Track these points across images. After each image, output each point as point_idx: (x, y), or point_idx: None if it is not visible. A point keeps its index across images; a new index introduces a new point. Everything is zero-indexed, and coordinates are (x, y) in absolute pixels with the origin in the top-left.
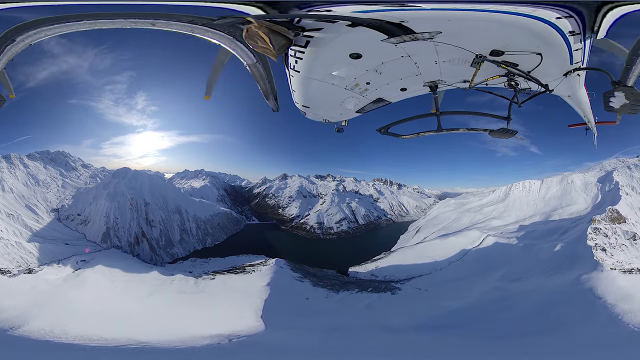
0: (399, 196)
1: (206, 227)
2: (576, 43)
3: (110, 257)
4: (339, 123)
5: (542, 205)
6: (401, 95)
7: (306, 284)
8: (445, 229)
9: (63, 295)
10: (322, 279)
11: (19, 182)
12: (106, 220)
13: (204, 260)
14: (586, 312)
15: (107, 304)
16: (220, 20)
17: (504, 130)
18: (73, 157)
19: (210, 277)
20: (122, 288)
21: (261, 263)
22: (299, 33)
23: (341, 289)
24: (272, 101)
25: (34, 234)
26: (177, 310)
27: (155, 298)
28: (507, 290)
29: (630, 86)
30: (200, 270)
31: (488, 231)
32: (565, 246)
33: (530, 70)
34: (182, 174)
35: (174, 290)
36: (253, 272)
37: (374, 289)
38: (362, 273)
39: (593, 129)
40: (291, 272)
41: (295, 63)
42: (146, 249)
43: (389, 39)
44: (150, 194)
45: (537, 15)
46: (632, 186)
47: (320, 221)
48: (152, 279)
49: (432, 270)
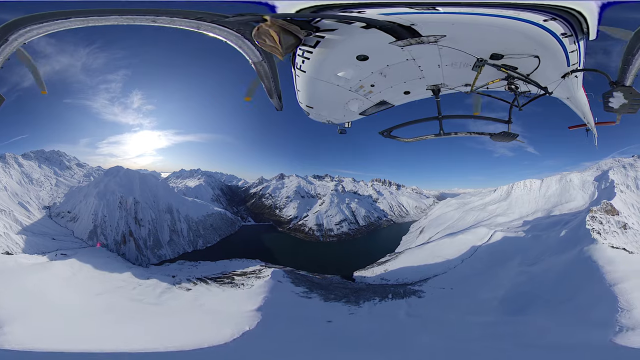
0: (398, 197)
1: (198, 228)
2: (571, 45)
3: (92, 254)
4: (342, 124)
5: (543, 202)
6: (404, 98)
7: (315, 300)
8: (451, 228)
9: (22, 275)
10: (331, 290)
11: (13, 181)
12: (94, 218)
13: (193, 264)
14: (588, 271)
15: (49, 293)
16: (234, 18)
17: (505, 133)
18: (68, 156)
19: (190, 285)
20: (77, 282)
21: (255, 273)
22: (311, 33)
23: (360, 300)
24: (276, 100)
25: (23, 228)
26: (108, 318)
27: (100, 300)
28: (530, 272)
29: (628, 86)
30: (185, 275)
31: (495, 227)
32: (568, 232)
33: (529, 73)
34: (178, 173)
35: (129, 296)
36: (242, 286)
37: (394, 295)
38: (370, 277)
39: (593, 130)
40: (293, 286)
41: (302, 63)
42: (132, 249)
43: (397, 42)
44: (141, 193)
45: (526, 18)
46: (626, 184)
47: (319, 222)
48: (117, 280)
49: (446, 269)
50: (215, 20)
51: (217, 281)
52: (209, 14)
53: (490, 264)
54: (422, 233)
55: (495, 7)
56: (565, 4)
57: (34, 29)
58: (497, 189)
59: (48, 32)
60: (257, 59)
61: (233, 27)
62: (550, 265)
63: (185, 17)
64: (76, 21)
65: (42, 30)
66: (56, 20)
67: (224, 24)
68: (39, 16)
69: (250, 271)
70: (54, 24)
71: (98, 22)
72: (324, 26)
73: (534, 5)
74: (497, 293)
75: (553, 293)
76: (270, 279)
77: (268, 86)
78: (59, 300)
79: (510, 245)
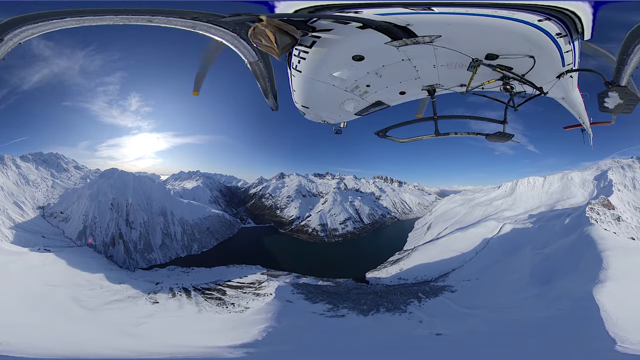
0: (401, 194)
1: (193, 231)
2: (566, 45)
3: (76, 253)
4: (337, 125)
5: (546, 198)
6: (400, 98)
7: (351, 318)
8: (459, 223)
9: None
10: (354, 298)
11: (10, 181)
12: (84, 219)
13: (185, 270)
14: (587, 244)
15: (6, 271)
16: (230, 18)
17: (500, 134)
18: (67, 159)
19: (169, 296)
20: (39, 271)
21: (254, 286)
22: (307, 33)
23: (399, 304)
24: (272, 100)
25: (16, 225)
26: (31, 305)
27: (44, 290)
28: (543, 253)
29: (623, 86)
30: (171, 283)
31: (503, 220)
32: (571, 220)
33: (524, 73)
34: (177, 175)
35: (75, 294)
36: (233, 307)
37: (425, 293)
38: (386, 278)
39: (588, 130)
40: (308, 303)
41: (298, 63)
42: (121, 251)
43: (392, 42)
44: (134, 195)
45: (521, 18)
46: (624, 184)
47: (323, 222)
48: (81, 278)
49: (462, 262)
50: (211, 20)
51: (206, 294)
52: (205, 14)
53: (505, 253)
54: (429, 229)
55: (490, 8)
56: (560, 4)
57: (29, 28)
58: (502, 186)
59: (43, 31)
60: (253, 59)
61: (229, 27)
62: (559, 245)
63: (181, 17)
64: (71, 21)
65: (37, 30)
66: (52, 20)
67: (220, 24)
68: (34, 16)
69: (248, 283)
70: (50, 24)
71: (93, 22)
72: (320, 26)
73: (529, 6)
74: (523, 273)
75: (565, 263)
76: (276, 299)
77: (264, 86)
78: (8, 278)
79: (519, 235)
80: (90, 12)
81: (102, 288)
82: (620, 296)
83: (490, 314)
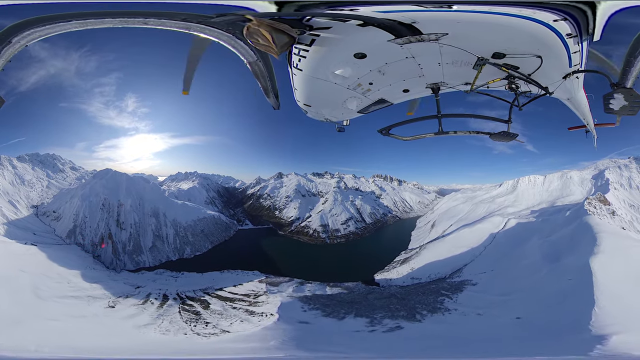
0: (401, 192)
1: (186, 234)
2: (574, 46)
3: (61, 251)
4: (340, 123)
5: (546, 195)
6: (403, 96)
7: (409, 328)
8: (464, 220)
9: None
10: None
11: (6, 181)
12: (75, 218)
13: (174, 275)
14: (585, 229)
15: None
16: (218, 18)
17: (504, 133)
18: (63, 160)
19: (139, 302)
20: (16, 257)
21: (249, 299)
22: (304, 31)
23: (435, 304)
24: (273, 99)
25: (8, 221)
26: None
27: (9, 272)
28: (549, 241)
29: (629, 88)
30: (154, 288)
31: (507, 216)
32: (571, 212)
33: (530, 73)
34: (174, 176)
35: (37, 284)
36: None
37: (449, 290)
38: (398, 279)
39: (592, 131)
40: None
41: (299, 61)
42: (109, 252)
43: (396, 40)
44: (127, 195)
45: (536, 17)
46: (620, 183)
47: (324, 223)
48: (53, 272)
49: (472, 257)
50: (201, 21)
51: (186, 304)
52: (194, 15)
53: (513, 245)
54: (434, 227)
55: (508, 6)
56: (578, 3)
57: (36, 31)
58: (503, 184)
59: (49, 34)
60: (252, 59)
61: (222, 28)
62: (562, 234)
63: (172, 18)
64: (76, 24)
65: (43, 32)
66: (58, 23)
67: (212, 25)
68: (41, 19)
69: (242, 294)
70: (56, 26)
71: (95, 25)
72: (317, 24)
73: (545, 4)
74: (535, 257)
75: (570, 245)
76: (280, 323)
77: (264, 85)
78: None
79: (524, 229)
80: (92, 15)
81: (69, 283)
82: (607, 265)
83: (523, 295)
